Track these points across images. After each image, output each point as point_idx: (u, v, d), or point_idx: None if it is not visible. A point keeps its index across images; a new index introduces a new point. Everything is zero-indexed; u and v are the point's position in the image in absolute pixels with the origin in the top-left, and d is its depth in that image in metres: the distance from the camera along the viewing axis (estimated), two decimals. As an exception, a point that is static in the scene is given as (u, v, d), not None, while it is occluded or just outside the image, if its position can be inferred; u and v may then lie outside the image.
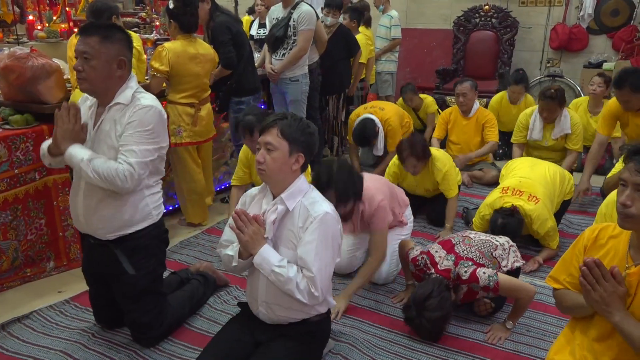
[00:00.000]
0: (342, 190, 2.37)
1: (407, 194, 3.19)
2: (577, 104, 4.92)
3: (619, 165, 2.73)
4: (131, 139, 2.01)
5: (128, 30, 3.40)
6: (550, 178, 3.25)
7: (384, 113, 4.47)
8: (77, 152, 1.99)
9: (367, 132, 4.37)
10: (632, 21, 5.97)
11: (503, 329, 2.45)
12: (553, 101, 4.00)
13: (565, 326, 1.77)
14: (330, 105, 4.95)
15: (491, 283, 2.29)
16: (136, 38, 3.27)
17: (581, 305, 1.58)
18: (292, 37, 4.07)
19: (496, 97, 5.15)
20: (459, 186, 3.59)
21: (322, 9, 4.99)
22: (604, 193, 3.58)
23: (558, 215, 3.34)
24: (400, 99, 5.36)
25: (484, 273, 2.32)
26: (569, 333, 1.72)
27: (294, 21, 4.05)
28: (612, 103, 3.64)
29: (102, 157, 2.02)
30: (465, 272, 2.35)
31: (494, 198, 3.11)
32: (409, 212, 3.08)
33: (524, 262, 2.71)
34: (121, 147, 2.01)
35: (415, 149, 3.29)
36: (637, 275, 1.49)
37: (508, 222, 2.92)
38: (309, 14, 4.06)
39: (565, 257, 1.74)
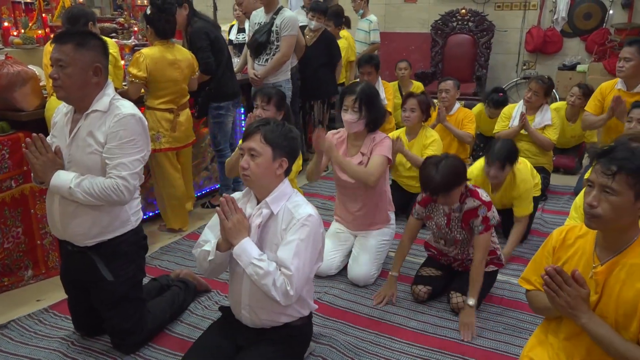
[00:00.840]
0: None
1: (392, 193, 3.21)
2: (556, 108, 4.98)
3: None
4: (118, 151, 2.02)
5: (103, 37, 3.41)
6: (530, 167, 3.37)
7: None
8: (61, 181, 2.01)
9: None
10: (604, 24, 6.13)
11: (469, 312, 2.50)
12: (544, 85, 4.07)
13: (538, 327, 1.82)
14: (316, 110, 4.99)
15: (492, 220, 2.53)
16: (112, 44, 3.26)
17: (551, 306, 1.62)
18: (275, 43, 4.10)
19: (476, 109, 5.14)
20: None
21: (306, 13, 5.02)
22: (577, 193, 3.65)
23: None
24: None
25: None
26: (540, 333, 1.77)
27: (276, 26, 4.07)
28: (606, 84, 3.79)
29: (88, 176, 2.02)
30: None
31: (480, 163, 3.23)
32: (393, 216, 3.13)
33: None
34: (108, 161, 2.02)
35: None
36: (604, 274, 1.54)
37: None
38: (292, 20, 4.08)
39: (535, 259, 1.79)
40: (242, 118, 4.53)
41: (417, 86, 5.31)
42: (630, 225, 1.51)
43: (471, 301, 2.50)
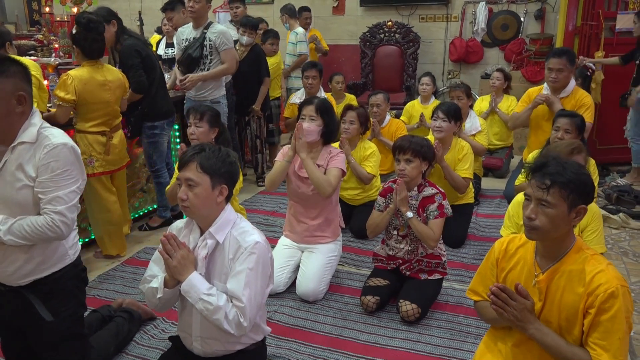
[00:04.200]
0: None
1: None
2: (481, 99, 5.44)
3: (522, 177, 2.98)
4: (52, 184, 1.88)
5: (24, 58, 3.21)
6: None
7: None
8: None
9: None
10: (520, 34, 6.52)
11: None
12: (462, 88, 4.43)
13: (486, 333, 1.91)
14: (252, 124, 4.95)
15: (446, 209, 2.78)
16: (34, 66, 3.07)
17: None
18: (209, 57, 4.03)
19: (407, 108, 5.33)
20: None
21: (236, 28, 4.98)
22: (508, 197, 3.86)
23: (467, 215, 3.71)
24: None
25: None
26: (489, 340, 1.86)
27: (210, 40, 4.01)
28: (533, 89, 4.07)
29: (19, 218, 1.88)
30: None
31: None
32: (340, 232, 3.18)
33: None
34: (42, 195, 1.89)
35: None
36: (545, 282, 1.64)
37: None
38: (225, 33, 4.05)
39: (480, 271, 1.88)
40: (177, 136, 4.43)
41: (350, 98, 5.41)
42: (566, 234, 1.62)
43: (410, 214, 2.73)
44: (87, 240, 3.63)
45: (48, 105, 3.40)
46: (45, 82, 3.55)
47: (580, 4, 5.32)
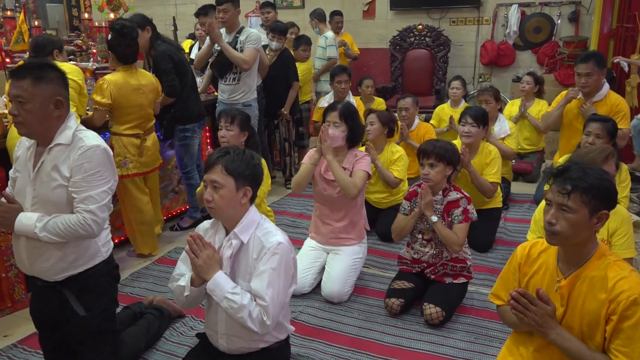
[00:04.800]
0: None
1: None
2: (511, 103, 5.36)
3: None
4: (85, 184, 1.98)
5: (68, 64, 3.35)
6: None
7: None
8: (24, 226, 1.95)
9: None
10: (553, 37, 6.41)
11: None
12: (490, 91, 4.40)
13: (508, 337, 1.91)
14: (281, 127, 5.03)
15: (471, 214, 2.77)
16: (77, 72, 3.21)
17: None
18: None
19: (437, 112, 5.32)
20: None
21: (266, 33, 5.07)
22: (537, 201, 3.81)
23: (494, 219, 3.67)
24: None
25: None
26: (511, 344, 1.86)
27: (241, 43, 4.10)
28: (563, 94, 4.01)
29: (54, 216, 1.97)
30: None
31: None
32: (365, 234, 3.21)
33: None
34: (75, 194, 1.98)
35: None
36: (567, 288, 1.63)
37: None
38: (256, 34, 4.15)
39: (502, 275, 1.88)
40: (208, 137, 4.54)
41: (378, 102, 5.43)
42: (587, 240, 1.61)
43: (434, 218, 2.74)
44: (120, 239, 3.76)
45: (86, 109, 3.54)
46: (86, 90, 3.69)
47: (615, 6, 5.22)
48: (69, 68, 3.10)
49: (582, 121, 3.54)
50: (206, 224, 2.10)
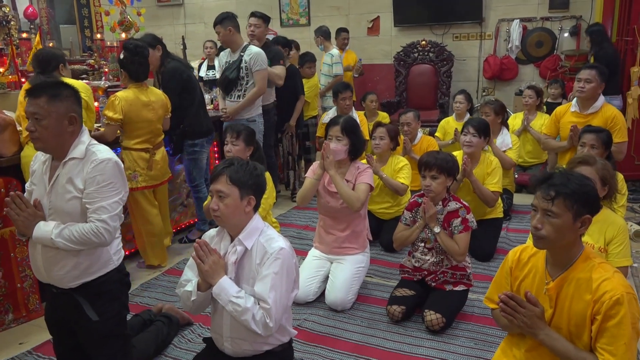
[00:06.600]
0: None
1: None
2: (514, 117, 5.44)
3: None
4: (97, 195, 2.09)
5: (75, 80, 3.48)
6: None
7: None
8: (42, 233, 2.06)
9: None
10: (555, 51, 6.51)
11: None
12: (492, 105, 4.45)
13: (502, 340, 1.98)
14: (284, 141, 5.14)
15: (471, 222, 2.86)
16: (85, 88, 3.33)
17: None
18: (245, 79, 4.25)
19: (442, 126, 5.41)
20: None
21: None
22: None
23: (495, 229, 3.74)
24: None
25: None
26: (505, 346, 1.94)
27: (245, 62, 4.23)
28: (560, 107, 4.09)
29: (69, 225, 2.08)
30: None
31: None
32: (368, 244, 3.29)
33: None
34: (89, 205, 2.09)
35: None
36: (555, 289, 1.71)
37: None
38: (259, 55, 4.25)
39: (496, 280, 1.97)
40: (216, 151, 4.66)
41: (382, 116, 5.54)
42: (573, 243, 1.69)
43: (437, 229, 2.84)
44: (130, 251, 3.86)
45: (97, 125, 3.68)
46: (96, 104, 3.83)
47: (615, 20, 5.30)
48: (77, 85, 3.24)
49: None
50: (212, 231, 2.21)
